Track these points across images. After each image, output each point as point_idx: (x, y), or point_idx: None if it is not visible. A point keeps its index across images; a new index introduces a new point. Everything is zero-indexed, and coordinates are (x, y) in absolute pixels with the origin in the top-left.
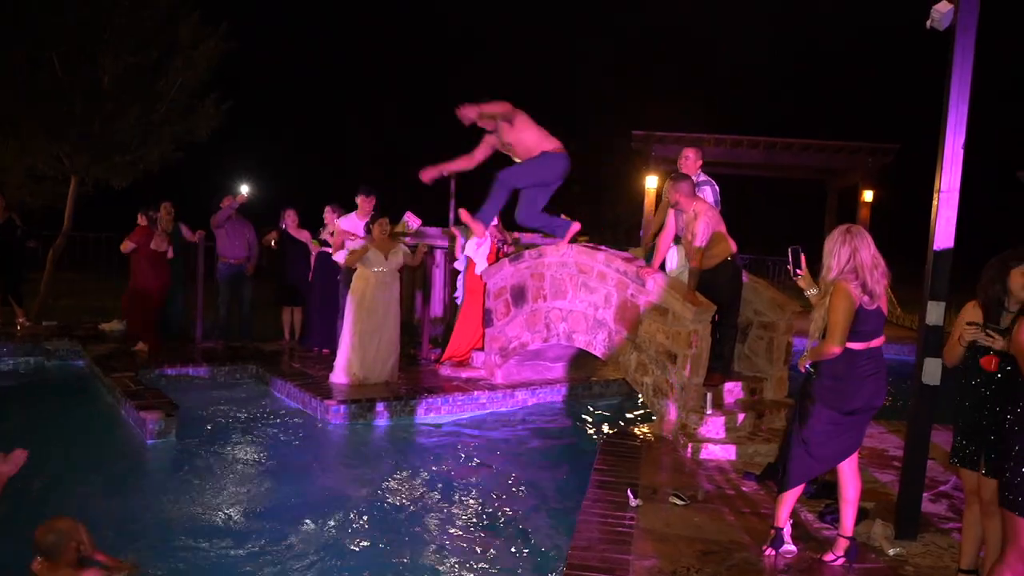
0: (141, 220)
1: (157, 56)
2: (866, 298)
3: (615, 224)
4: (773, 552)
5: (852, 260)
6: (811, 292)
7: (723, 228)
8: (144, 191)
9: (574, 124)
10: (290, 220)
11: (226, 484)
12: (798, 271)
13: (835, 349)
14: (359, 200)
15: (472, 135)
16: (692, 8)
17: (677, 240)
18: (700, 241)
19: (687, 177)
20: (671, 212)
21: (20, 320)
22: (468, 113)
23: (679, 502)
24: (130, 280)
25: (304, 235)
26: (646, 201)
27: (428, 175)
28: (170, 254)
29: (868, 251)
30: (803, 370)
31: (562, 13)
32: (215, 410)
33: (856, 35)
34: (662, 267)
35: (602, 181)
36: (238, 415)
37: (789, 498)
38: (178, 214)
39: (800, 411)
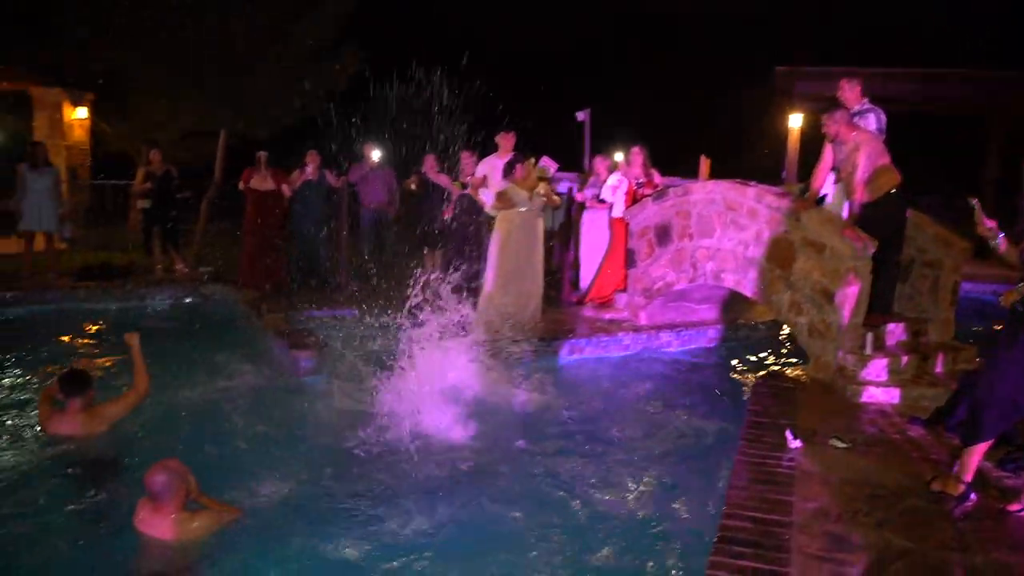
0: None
1: (292, 11)
2: None
3: (751, 169)
4: (959, 506)
5: None
6: (996, 241)
7: (887, 159)
8: (287, 141)
9: (708, 61)
10: (429, 165)
11: (371, 423)
12: (985, 222)
13: None
14: (498, 139)
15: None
16: None
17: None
18: (862, 173)
19: (842, 106)
20: (828, 145)
21: (178, 267)
22: None
23: (841, 445)
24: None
25: (443, 179)
26: (789, 140)
27: None
28: (287, 192)
29: None
30: (1008, 306)
31: None
32: (362, 350)
33: None
34: (819, 202)
35: (737, 122)
36: (383, 355)
37: (980, 449)
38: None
39: (1004, 353)
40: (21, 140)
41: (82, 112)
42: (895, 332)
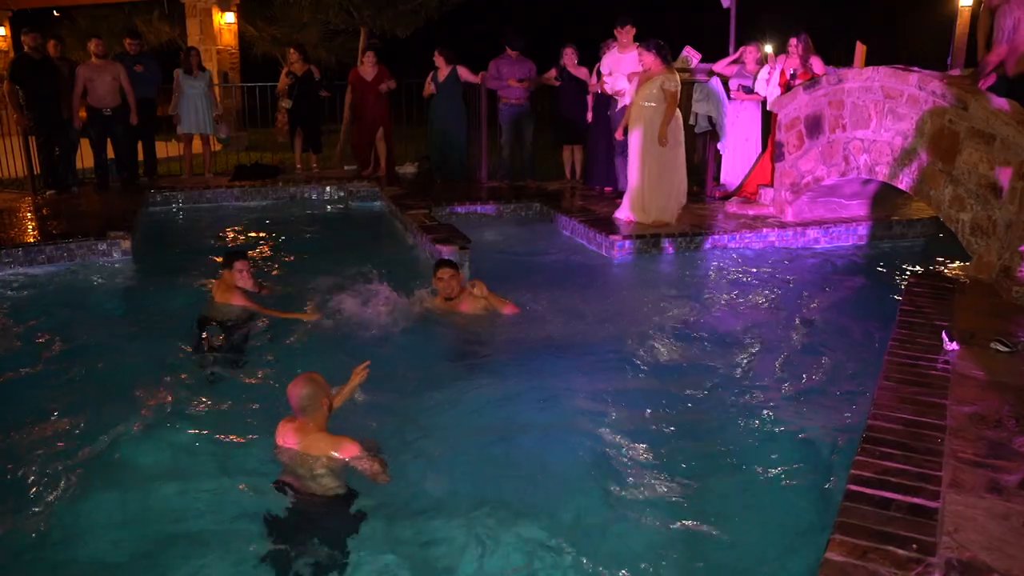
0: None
1: None
2: None
3: (912, 56)
4: None
5: None
6: None
7: None
8: (426, 39)
9: None
10: (568, 58)
11: (519, 319)
12: None
13: None
14: (616, 32)
15: None
16: None
17: None
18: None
19: None
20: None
21: (300, 167)
22: None
23: (1003, 349)
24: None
25: (583, 72)
26: (958, 22)
27: None
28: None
29: None
30: None
31: None
32: (504, 245)
33: None
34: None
35: (893, 4)
36: (525, 251)
37: None
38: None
39: None
40: (176, 47)
41: (230, 17)
42: None
